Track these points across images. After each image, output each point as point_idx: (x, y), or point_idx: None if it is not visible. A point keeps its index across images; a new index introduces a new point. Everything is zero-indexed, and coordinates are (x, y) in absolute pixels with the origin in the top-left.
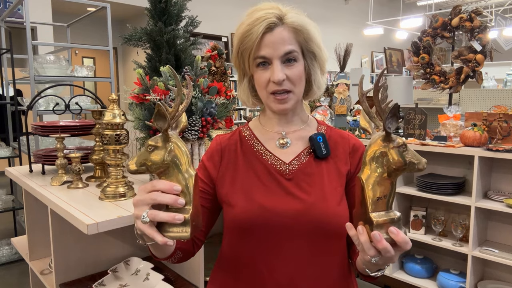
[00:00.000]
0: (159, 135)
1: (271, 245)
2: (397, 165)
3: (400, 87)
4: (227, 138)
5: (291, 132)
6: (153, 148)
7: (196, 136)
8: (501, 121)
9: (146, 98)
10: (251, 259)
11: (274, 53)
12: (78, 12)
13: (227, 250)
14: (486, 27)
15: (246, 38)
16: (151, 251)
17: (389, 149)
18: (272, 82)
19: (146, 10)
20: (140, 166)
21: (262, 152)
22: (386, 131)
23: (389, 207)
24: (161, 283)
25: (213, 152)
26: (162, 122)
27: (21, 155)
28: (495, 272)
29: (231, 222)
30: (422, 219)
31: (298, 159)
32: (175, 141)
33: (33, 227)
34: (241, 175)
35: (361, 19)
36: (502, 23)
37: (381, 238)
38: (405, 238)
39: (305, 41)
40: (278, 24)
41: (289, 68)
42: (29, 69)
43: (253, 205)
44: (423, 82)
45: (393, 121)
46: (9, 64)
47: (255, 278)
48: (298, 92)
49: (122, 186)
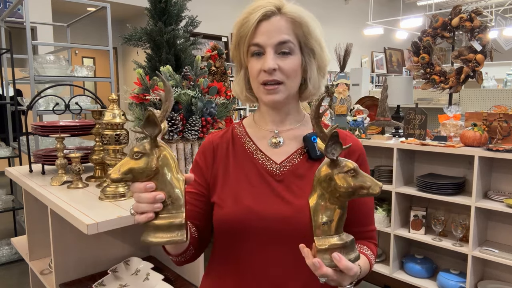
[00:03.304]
0: (145, 141)
1: (256, 249)
2: (343, 190)
3: (400, 87)
4: (220, 136)
5: (285, 131)
6: (141, 155)
7: (196, 136)
8: (501, 121)
9: (146, 98)
10: (235, 262)
11: (268, 41)
12: (78, 12)
13: (215, 250)
14: (486, 27)
15: (242, 26)
16: (165, 249)
17: (334, 174)
18: (263, 71)
19: (146, 10)
20: (126, 174)
21: (253, 151)
22: (330, 158)
23: (337, 232)
24: (161, 283)
25: (205, 151)
26: (152, 128)
27: (21, 155)
28: (495, 272)
29: (218, 223)
30: (422, 219)
31: (290, 159)
32: (162, 145)
33: (33, 227)
34: (231, 175)
35: (361, 19)
36: (502, 23)
37: (320, 265)
38: (348, 265)
39: (304, 35)
40: (276, 13)
41: (282, 59)
42: (29, 69)
43: (240, 207)
44: (423, 82)
45: (336, 147)
46: (9, 64)
47: (240, 281)
48: (290, 86)
49: (122, 186)
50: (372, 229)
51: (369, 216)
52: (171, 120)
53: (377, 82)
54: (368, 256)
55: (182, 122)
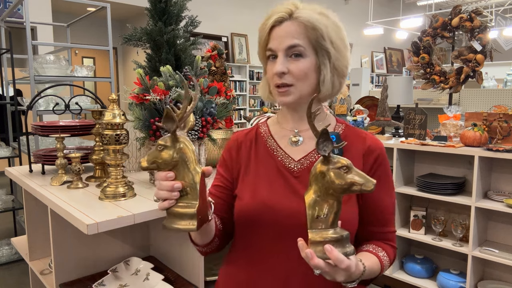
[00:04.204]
0: (168, 135)
1: (268, 241)
2: (336, 185)
3: (400, 87)
4: (244, 134)
5: (304, 130)
6: (163, 147)
7: (196, 136)
8: (501, 121)
9: (146, 98)
10: (249, 252)
11: (279, 46)
12: (78, 12)
13: (234, 239)
14: (486, 27)
15: (260, 31)
16: (192, 239)
17: (328, 170)
18: (274, 75)
19: (146, 10)
20: (151, 163)
21: (274, 149)
22: (321, 154)
23: (331, 226)
24: (161, 283)
25: (231, 148)
26: (170, 124)
27: (21, 155)
28: (495, 272)
29: (236, 214)
30: (422, 219)
31: (308, 157)
32: (183, 140)
33: (33, 227)
34: (252, 170)
35: (361, 19)
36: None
37: (312, 256)
38: (339, 257)
39: (316, 38)
40: (287, 19)
41: (294, 62)
42: (29, 69)
43: (256, 200)
44: (423, 82)
45: (327, 144)
46: (9, 64)
47: (252, 271)
48: (301, 87)
49: (122, 186)
50: (390, 230)
51: (387, 217)
52: None
53: (377, 82)
54: (380, 257)
55: None
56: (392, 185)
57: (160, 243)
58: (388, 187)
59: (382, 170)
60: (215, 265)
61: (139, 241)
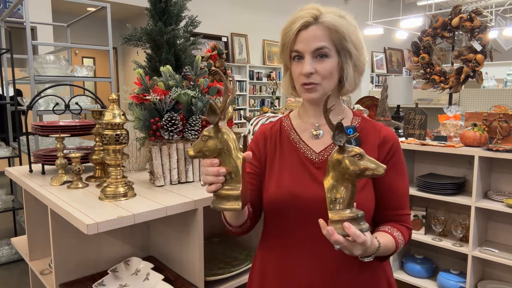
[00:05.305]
0: (211, 127)
1: (296, 225)
2: (351, 171)
3: (400, 87)
4: (270, 127)
5: (324, 124)
6: (207, 137)
7: (196, 136)
8: (501, 121)
9: (146, 98)
10: (280, 236)
11: (306, 48)
12: (78, 12)
13: (265, 225)
14: (486, 27)
15: (285, 34)
16: (228, 220)
17: (343, 158)
18: (302, 75)
19: (146, 10)
20: (197, 152)
21: (296, 141)
22: (337, 145)
23: (347, 206)
24: (161, 283)
25: (258, 140)
26: (213, 116)
27: (21, 155)
28: (495, 272)
29: (265, 203)
30: (422, 219)
31: (327, 149)
32: (225, 131)
33: (33, 227)
34: (276, 162)
35: (361, 19)
36: (502, 23)
37: (332, 232)
38: (356, 232)
39: (339, 40)
40: (313, 23)
41: (319, 63)
42: (29, 69)
43: (282, 190)
44: (423, 82)
45: (342, 135)
46: (9, 64)
47: (284, 252)
48: (326, 85)
49: (122, 186)
50: (405, 213)
51: (402, 200)
52: (171, 120)
53: (377, 82)
54: (395, 236)
55: (182, 122)
56: (405, 172)
57: (160, 243)
58: (402, 174)
59: (396, 158)
60: (215, 265)
61: (139, 241)
